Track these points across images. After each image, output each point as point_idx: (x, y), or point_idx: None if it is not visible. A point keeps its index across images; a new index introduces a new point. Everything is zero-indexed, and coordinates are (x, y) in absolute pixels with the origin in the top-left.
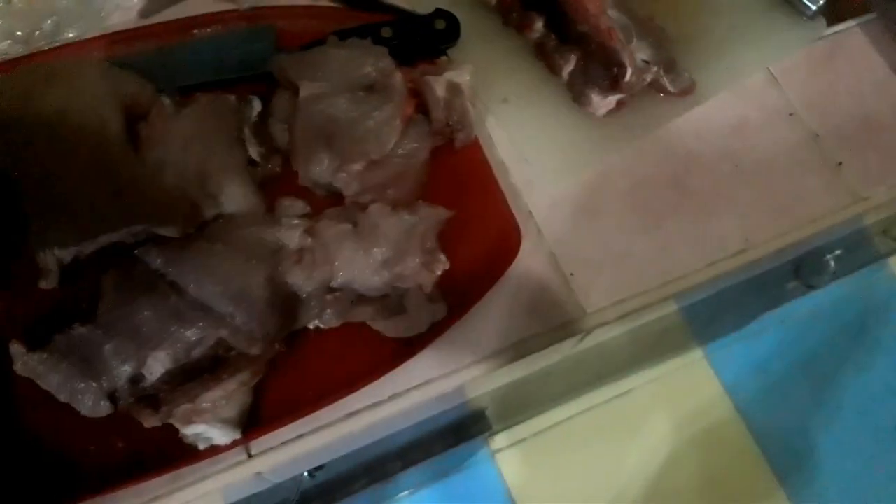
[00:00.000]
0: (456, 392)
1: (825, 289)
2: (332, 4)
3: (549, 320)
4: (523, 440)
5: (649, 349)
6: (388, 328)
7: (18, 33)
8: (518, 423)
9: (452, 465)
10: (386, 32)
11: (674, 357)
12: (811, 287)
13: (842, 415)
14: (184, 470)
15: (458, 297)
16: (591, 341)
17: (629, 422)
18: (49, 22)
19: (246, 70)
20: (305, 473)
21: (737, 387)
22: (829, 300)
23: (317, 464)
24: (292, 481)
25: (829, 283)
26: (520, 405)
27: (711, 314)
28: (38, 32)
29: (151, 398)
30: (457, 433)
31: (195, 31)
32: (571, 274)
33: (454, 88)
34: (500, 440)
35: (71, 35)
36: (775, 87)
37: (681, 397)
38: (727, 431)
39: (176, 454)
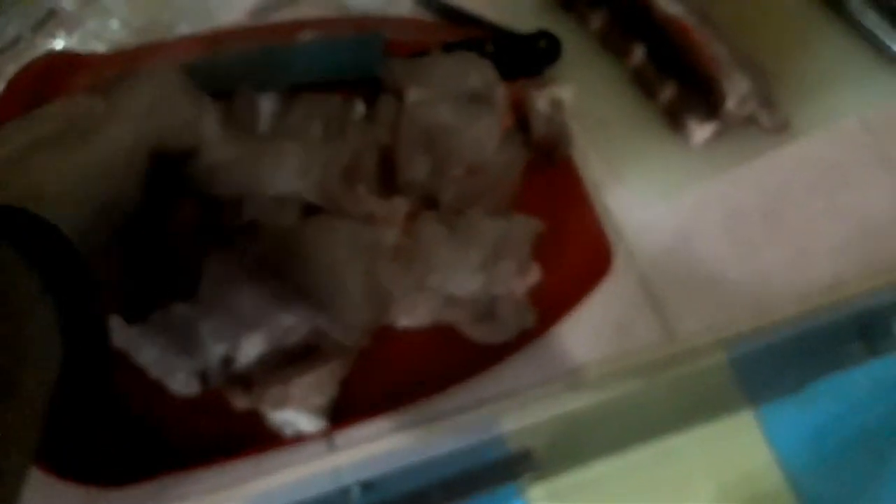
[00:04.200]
0: (532, 407)
1: (891, 358)
2: (436, 20)
3: (637, 342)
4: (561, 494)
5: (698, 404)
6: (477, 332)
7: (135, 24)
8: (559, 472)
9: None
10: (489, 48)
11: (723, 417)
12: (875, 353)
13: None
14: (266, 456)
15: (546, 310)
16: (674, 371)
17: (672, 484)
18: (166, 15)
19: (350, 74)
20: (357, 488)
21: (788, 456)
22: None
23: (393, 467)
24: (341, 494)
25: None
26: (567, 449)
27: (767, 370)
28: (153, 24)
29: (243, 379)
30: (503, 471)
31: (302, 35)
32: (662, 297)
33: (556, 104)
34: (537, 492)
35: (184, 29)
36: (870, 133)
37: (728, 463)
38: (775, 503)
39: (260, 439)
